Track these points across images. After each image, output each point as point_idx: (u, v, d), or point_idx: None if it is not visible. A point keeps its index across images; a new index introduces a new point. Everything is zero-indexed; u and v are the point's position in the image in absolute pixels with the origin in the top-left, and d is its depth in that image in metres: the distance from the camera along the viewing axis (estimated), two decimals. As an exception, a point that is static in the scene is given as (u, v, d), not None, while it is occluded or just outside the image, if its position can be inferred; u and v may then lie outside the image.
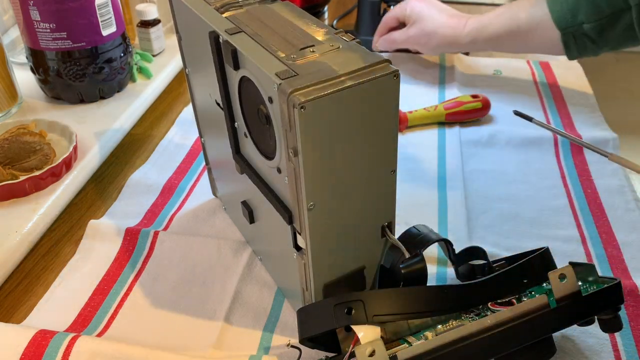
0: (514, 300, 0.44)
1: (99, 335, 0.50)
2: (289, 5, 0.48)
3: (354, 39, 0.41)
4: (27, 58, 0.79)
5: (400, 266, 0.44)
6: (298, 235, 0.44)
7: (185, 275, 0.56)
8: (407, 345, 0.42)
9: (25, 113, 0.79)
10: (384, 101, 0.38)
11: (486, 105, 0.79)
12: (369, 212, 0.43)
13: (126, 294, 0.54)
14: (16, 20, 0.81)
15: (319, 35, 0.42)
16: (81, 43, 0.75)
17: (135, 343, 0.48)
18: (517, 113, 0.54)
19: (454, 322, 0.44)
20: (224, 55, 0.43)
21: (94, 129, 0.74)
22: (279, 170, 0.42)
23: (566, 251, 0.57)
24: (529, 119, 0.49)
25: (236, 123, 0.48)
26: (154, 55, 0.92)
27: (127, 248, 0.59)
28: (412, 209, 0.63)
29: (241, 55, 0.41)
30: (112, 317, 0.52)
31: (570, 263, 0.43)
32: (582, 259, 0.57)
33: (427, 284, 0.46)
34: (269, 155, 0.43)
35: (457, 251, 0.51)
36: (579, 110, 0.81)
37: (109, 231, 0.60)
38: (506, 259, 0.51)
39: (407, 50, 0.97)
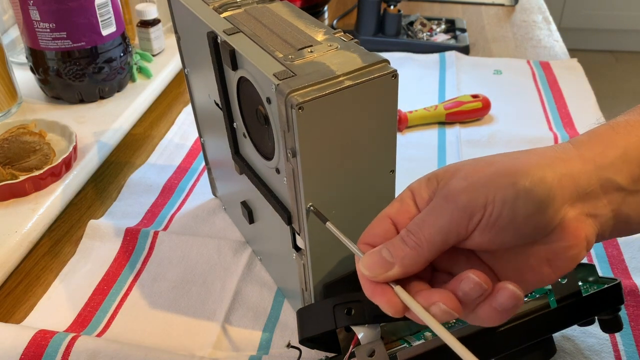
0: (514, 301, 0.44)
1: (99, 335, 0.50)
2: (287, 5, 0.47)
3: (352, 39, 0.41)
4: (27, 58, 0.79)
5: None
6: (297, 236, 0.44)
7: (185, 275, 0.56)
8: (407, 345, 0.42)
9: (25, 113, 0.79)
10: (383, 101, 0.38)
11: (486, 105, 0.79)
12: (368, 212, 0.43)
13: (126, 294, 0.54)
14: (16, 20, 0.81)
15: (318, 35, 0.42)
16: (81, 43, 0.75)
17: (135, 343, 0.48)
18: None
19: (453, 322, 0.44)
20: (222, 56, 0.43)
21: (93, 129, 0.74)
22: (277, 171, 0.42)
23: (566, 251, 0.57)
24: None
25: (235, 123, 0.48)
26: (153, 55, 0.92)
27: (126, 248, 0.59)
28: (411, 208, 0.63)
29: (239, 56, 0.41)
30: (112, 317, 0.52)
31: (570, 263, 0.43)
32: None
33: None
34: (267, 155, 0.43)
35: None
36: (579, 110, 0.81)
37: (108, 231, 0.60)
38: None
39: (407, 50, 0.97)
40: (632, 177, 0.32)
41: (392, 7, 0.97)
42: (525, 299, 0.44)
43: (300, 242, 0.44)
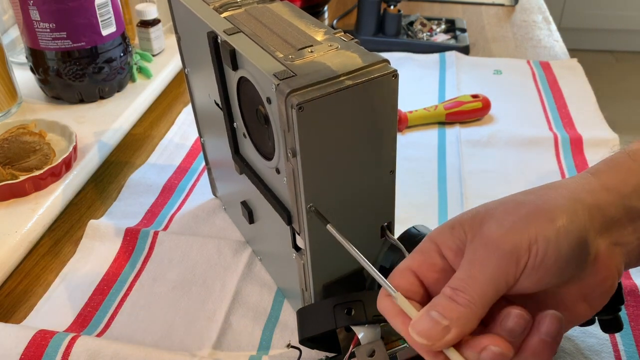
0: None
1: (99, 335, 0.50)
2: (288, 5, 0.48)
3: (352, 38, 0.41)
4: (27, 58, 0.79)
5: (400, 266, 0.44)
6: (297, 236, 0.44)
7: (185, 275, 0.56)
8: (407, 345, 0.42)
9: (25, 113, 0.79)
10: (383, 101, 0.38)
11: (486, 105, 0.79)
12: (368, 213, 0.43)
13: (126, 294, 0.54)
14: (16, 20, 0.81)
15: (318, 35, 0.42)
16: (81, 43, 0.75)
17: (135, 343, 0.48)
18: None
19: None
20: (222, 56, 0.43)
21: (93, 129, 0.74)
22: (277, 171, 0.42)
23: (566, 251, 0.57)
24: None
25: (235, 123, 0.48)
26: (153, 55, 0.92)
27: (126, 248, 0.59)
28: (412, 209, 0.63)
29: (239, 56, 0.41)
30: (112, 317, 0.52)
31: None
32: (582, 258, 0.56)
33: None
34: (267, 155, 0.43)
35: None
36: (579, 110, 0.81)
37: (108, 231, 0.60)
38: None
39: (407, 50, 0.97)
40: None
41: (392, 7, 0.97)
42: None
43: (300, 242, 0.44)
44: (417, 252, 0.33)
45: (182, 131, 0.78)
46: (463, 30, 1.03)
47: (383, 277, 0.33)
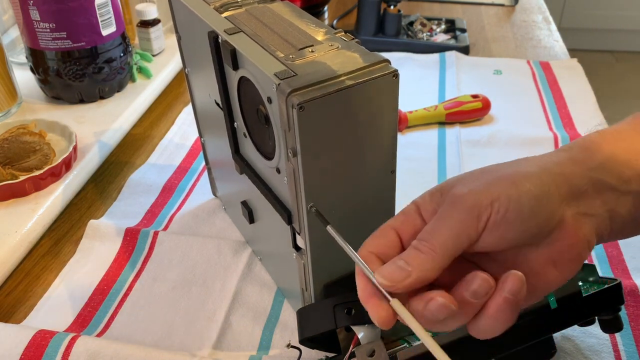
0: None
1: (99, 335, 0.50)
2: (288, 5, 0.48)
3: (353, 38, 0.41)
4: (26, 58, 0.79)
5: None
6: (297, 236, 0.44)
7: (185, 275, 0.56)
8: (407, 345, 0.42)
9: (25, 113, 0.79)
10: (383, 101, 0.38)
11: (486, 105, 0.79)
12: (368, 213, 0.43)
13: (126, 294, 0.54)
14: (16, 20, 0.81)
15: (318, 35, 0.42)
16: (81, 43, 0.75)
17: (135, 343, 0.48)
18: None
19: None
20: (223, 55, 0.43)
21: (93, 129, 0.74)
22: (278, 171, 0.42)
23: (566, 251, 0.57)
24: None
25: (235, 123, 0.48)
26: (153, 55, 0.92)
27: (126, 248, 0.59)
28: (412, 208, 0.63)
29: (240, 56, 0.41)
30: (112, 317, 0.52)
31: (571, 263, 0.43)
32: (582, 259, 0.56)
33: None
34: (268, 155, 0.43)
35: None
36: (579, 110, 0.81)
37: (108, 231, 0.60)
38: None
39: (407, 50, 0.97)
40: (622, 177, 0.33)
41: (392, 7, 0.97)
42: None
43: (300, 242, 0.44)
44: (400, 213, 0.36)
45: (182, 131, 0.78)
46: (463, 30, 1.03)
47: (353, 250, 0.34)
